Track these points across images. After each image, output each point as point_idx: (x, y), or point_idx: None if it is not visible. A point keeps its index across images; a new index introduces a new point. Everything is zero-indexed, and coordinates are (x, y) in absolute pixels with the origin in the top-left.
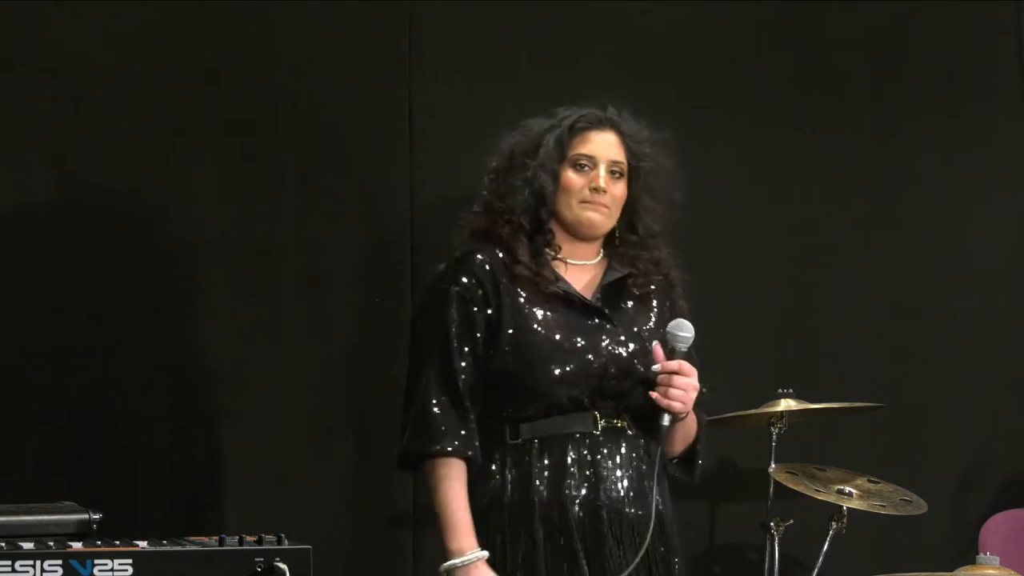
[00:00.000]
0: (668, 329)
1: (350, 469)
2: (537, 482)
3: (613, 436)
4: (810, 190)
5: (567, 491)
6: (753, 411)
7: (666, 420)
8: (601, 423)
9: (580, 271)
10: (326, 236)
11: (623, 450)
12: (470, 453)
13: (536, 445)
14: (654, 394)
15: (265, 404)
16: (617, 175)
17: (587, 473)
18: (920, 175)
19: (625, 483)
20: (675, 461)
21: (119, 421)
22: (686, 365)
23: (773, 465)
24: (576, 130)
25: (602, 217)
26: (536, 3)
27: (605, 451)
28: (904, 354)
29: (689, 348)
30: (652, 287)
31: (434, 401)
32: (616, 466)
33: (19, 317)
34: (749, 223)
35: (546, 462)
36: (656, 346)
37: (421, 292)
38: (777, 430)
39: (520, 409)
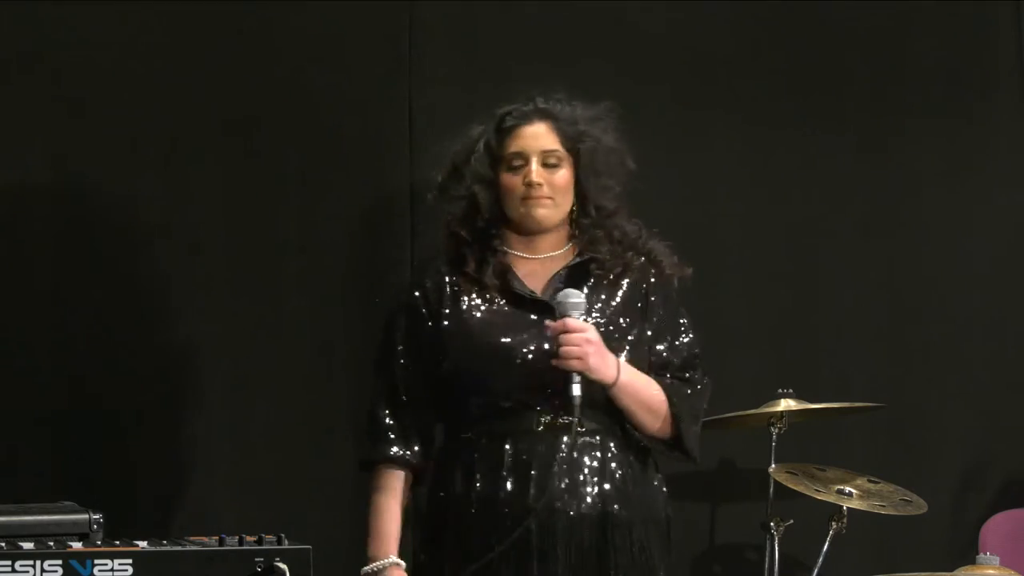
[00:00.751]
0: (557, 299)
1: (350, 469)
2: (476, 477)
3: (554, 434)
4: (810, 190)
5: (501, 487)
6: (753, 411)
7: (576, 390)
8: (543, 419)
9: (538, 264)
10: (326, 236)
11: (564, 448)
12: (413, 462)
13: (478, 442)
14: (555, 361)
15: (265, 404)
16: (553, 164)
17: (521, 471)
18: (920, 175)
19: (565, 482)
20: (668, 443)
21: (119, 421)
22: (571, 321)
23: (773, 465)
24: (505, 130)
25: (546, 210)
26: (536, 3)
27: (542, 448)
28: (904, 354)
29: (686, 331)
30: (619, 269)
31: (379, 411)
32: (554, 464)
33: (19, 316)
34: (749, 223)
35: (485, 459)
36: (547, 321)
37: None
38: (777, 430)
39: (463, 409)
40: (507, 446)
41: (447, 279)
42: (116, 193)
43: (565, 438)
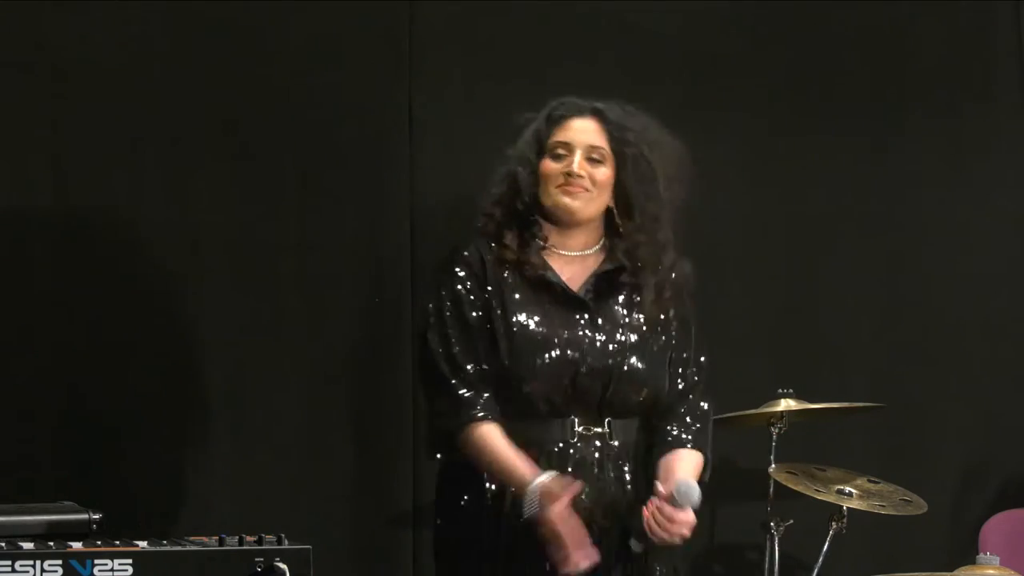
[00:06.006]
0: (681, 490)
1: (350, 469)
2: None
3: (588, 444)
4: (810, 190)
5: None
6: (753, 411)
7: (637, 547)
8: (579, 430)
9: (570, 261)
10: (326, 236)
11: (596, 460)
12: (495, 416)
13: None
14: (647, 514)
15: (265, 404)
16: (597, 160)
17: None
18: (920, 175)
19: (594, 494)
20: None
21: (119, 421)
22: (691, 519)
23: (773, 465)
24: (554, 119)
25: (579, 202)
26: (536, 3)
27: (577, 459)
28: (904, 354)
29: (698, 348)
30: (646, 281)
31: (446, 382)
32: (586, 475)
33: (19, 316)
34: (749, 223)
35: None
36: (660, 485)
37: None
38: (777, 430)
39: (501, 407)
40: (541, 457)
41: (488, 265)
42: (116, 193)
43: (597, 454)
